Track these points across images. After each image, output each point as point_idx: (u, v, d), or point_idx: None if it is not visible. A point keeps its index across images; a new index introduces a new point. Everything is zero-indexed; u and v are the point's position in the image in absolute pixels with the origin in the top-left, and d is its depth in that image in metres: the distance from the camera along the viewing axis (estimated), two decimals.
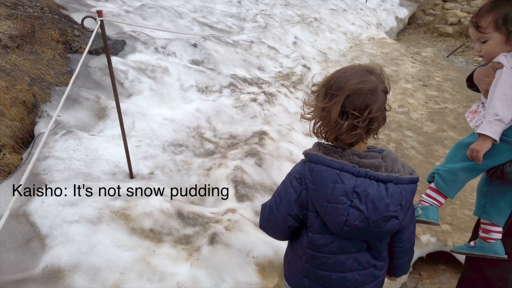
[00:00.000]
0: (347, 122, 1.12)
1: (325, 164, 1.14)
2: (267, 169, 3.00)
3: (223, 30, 5.63)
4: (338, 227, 1.16)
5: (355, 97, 1.11)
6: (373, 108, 1.12)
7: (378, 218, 1.14)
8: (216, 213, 2.51)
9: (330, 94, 1.15)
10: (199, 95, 3.94)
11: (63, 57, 3.67)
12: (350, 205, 1.13)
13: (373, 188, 1.13)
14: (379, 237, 1.22)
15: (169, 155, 3.02)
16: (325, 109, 1.15)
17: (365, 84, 1.12)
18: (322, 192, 1.15)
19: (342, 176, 1.13)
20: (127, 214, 2.30)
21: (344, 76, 1.14)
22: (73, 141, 2.81)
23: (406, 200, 1.17)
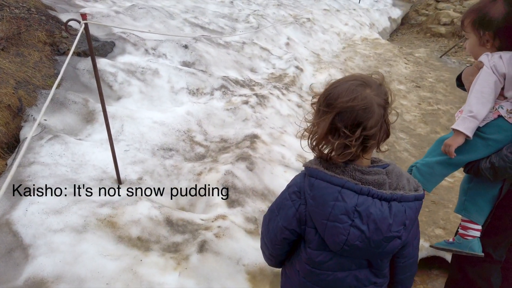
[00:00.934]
0: (338, 141, 1.06)
1: (326, 180, 1.09)
2: (258, 173, 2.95)
3: (215, 31, 5.57)
4: (338, 246, 1.11)
5: (345, 114, 1.05)
6: (366, 125, 1.05)
7: (380, 239, 1.09)
8: (206, 219, 2.45)
9: (322, 111, 1.10)
10: (190, 98, 3.88)
11: (50, 59, 3.59)
12: (351, 225, 1.07)
13: (376, 207, 1.07)
14: (380, 257, 1.18)
15: (159, 160, 2.96)
16: (315, 126, 1.12)
17: (356, 102, 1.04)
18: (322, 210, 1.10)
19: (343, 194, 1.07)
20: (114, 221, 2.23)
21: (335, 91, 1.08)
22: (59, 146, 2.74)
23: (410, 219, 1.12)
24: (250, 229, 2.44)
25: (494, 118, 1.68)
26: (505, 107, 1.69)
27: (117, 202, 2.38)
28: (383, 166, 1.16)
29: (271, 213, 1.28)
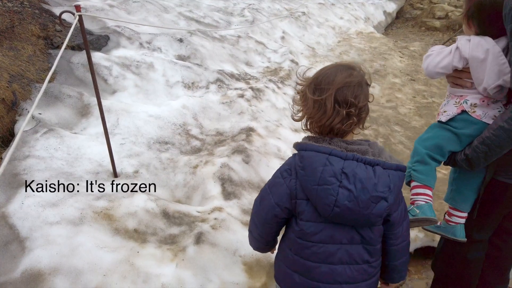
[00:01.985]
0: (341, 112, 1.19)
1: (315, 150, 1.20)
2: (254, 166, 2.96)
3: (210, 24, 5.55)
4: (329, 208, 1.18)
5: (345, 89, 1.20)
6: (361, 98, 1.22)
7: (367, 198, 1.16)
8: (202, 211, 2.46)
9: (320, 89, 1.22)
10: (186, 91, 3.87)
11: (44, 53, 3.56)
12: (339, 185, 1.16)
13: (361, 169, 1.17)
14: (369, 221, 1.22)
15: (155, 153, 2.96)
16: (317, 102, 1.22)
17: (351, 78, 1.21)
18: (312, 176, 1.19)
19: (330, 159, 1.17)
20: (110, 214, 2.24)
21: (331, 72, 1.24)
22: (54, 140, 2.73)
23: (395, 184, 1.20)
24: (246, 221, 2.46)
25: (458, 112, 1.73)
26: (469, 102, 1.73)
27: (113, 195, 2.38)
28: (366, 140, 1.31)
29: (263, 192, 1.36)
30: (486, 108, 1.66)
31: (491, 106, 1.68)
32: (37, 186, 2.25)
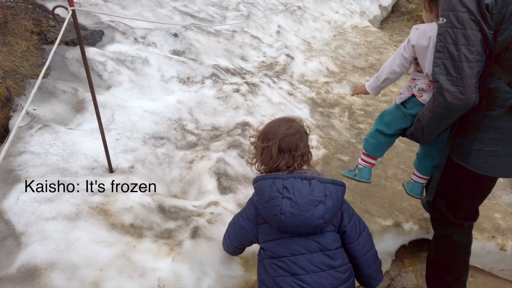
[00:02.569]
0: (285, 157, 1.54)
1: (262, 178, 1.54)
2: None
3: (205, 19, 5.52)
4: (277, 217, 1.43)
5: (286, 139, 1.53)
6: (301, 145, 1.55)
7: (305, 202, 1.42)
8: (198, 206, 2.47)
9: (267, 139, 1.58)
10: (181, 86, 3.86)
11: (38, 48, 3.54)
12: (282, 197, 1.44)
13: (298, 182, 1.46)
14: (315, 224, 1.43)
15: (150, 148, 2.96)
16: (265, 149, 1.57)
17: (291, 130, 1.55)
18: (262, 196, 1.49)
19: (275, 181, 1.48)
20: (106, 209, 2.24)
21: (275, 125, 1.59)
22: (49, 136, 2.72)
23: (330, 192, 1.46)
24: None
25: (409, 96, 2.01)
26: (418, 86, 1.94)
27: (109, 189, 2.38)
28: (308, 169, 1.62)
29: (236, 216, 1.79)
30: (431, 93, 1.76)
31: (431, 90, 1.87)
32: (37, 186, 2.24)
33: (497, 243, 2.57)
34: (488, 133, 1.69)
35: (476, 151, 1.75)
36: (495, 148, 1.71)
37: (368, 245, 1.57)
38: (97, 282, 1.83)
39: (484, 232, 2.66)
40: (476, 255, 2.59)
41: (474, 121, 1.71)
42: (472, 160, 1.77)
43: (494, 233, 2.64)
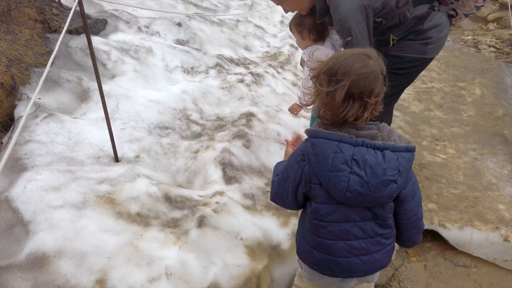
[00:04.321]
0: (355, 106, 1.20)
1: (325, 137, 1.24)
2: (255, 150, 2.97)
3: (208, 8, 5.48)
4: (341, 193, 1.24)
5: (360, 81, 1.18)
6: (377, 90, 1.21)
7: (377, 182, 1.21)
8: (204, 196, 2.48)
9: (335, 80, 1.20)
10: (185, 76, 3.85)
11: (41, 37, 3.52)
12: (350, 172, 1.21)
13: (370, 155, 1.20)
14: (380, 202, 1.28)
15: (155, 138, 2.96)
16: (330, 94, 1.22)
17: (368, 69, 1.19)
18: (324, 163, 1.24)
19: (341, 146, 1.21)
20: (113, 198, 2.25)
21: (347, 62, 1.20)
22: (55, 124, 2.72)
23: (404, 166, 1.24)
24: (247, 205, 2.48)
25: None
26: None
27: (115, 179, 2.39)
28: (375, 124, 1.32)
29: (281, 177, 1.45)
30: None
31: None
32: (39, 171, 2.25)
33: (501, 234, 2.58)
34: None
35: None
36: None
37: (415, 210, 1.40)
38: (105, 270, 1.85)
39: (488, 223, 2.67)
40: (479, 246, 2.60)
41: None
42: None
43: (498, 224, 2.65)
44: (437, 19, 2.26)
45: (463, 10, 2.39)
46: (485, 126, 3.97)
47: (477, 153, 3.56)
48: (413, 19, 2.24)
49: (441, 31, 2.30)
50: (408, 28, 2.28)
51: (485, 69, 5.45)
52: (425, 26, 2.26)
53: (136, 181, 2.40)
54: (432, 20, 2.25)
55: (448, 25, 2.35)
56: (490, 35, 6.78)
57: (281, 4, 2.45)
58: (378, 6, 2.17)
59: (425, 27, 2.26)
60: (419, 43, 2.32)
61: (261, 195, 2.63)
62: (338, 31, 2.20)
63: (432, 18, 2.25)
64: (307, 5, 2.41)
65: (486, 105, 4.37)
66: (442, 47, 2.42)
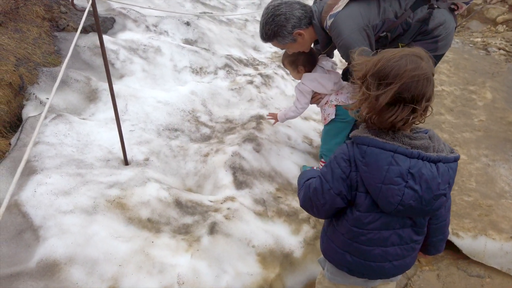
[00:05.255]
0: (404, 111, 1.13)
1: (379, 146, 1.17)
2: (265, 154, 2.93)
3: (216, 7, 5.43)
4: (392, 206, 1.20)
5: (412, 84, 1.10)
6: (428, 93, 1.13)
7: (430, 197, 1.18)
8: (214, 201, 2.44)
9: (385, 84, 1.13)
10: (194, 77, 3.81)
11: (49, 35, 3.48)
12: (405, 186, 1.16)
13: (426, 169, 1.16)
14: (428, 214, 1.28)
15: (164, 140, 2.93)
16: (378, 98, 1.15)
17: (420, 71, 1.11)
18: (376, 174, 1.18)
19: (396, 158, 1.16)
20: (123, 203, 2.22)
21: (398, 64, 1.12)
22: (63, 126, 2.69)
23: (452, 178, 1.22)
24: (259, 211, 2.44)
25: (334, 109, 2.62)
26: (331, 99, 2.64)
27: (125, 183, 2.35)
28: (425, 131, 1.26)
29: (320, 182, 1.33)
30: (339, 95, 2.63)
31: (342, 94, 2.63)
32: (48, 174, 2.21)
33: None
34: None
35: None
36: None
37: (445, 215, 1.40)
38: (116, 278, 1.82)
39: (502, 233, 2.63)
40: (493, 256, 2.56)
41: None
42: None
43: None
44: (439, 16, 2.25)
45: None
46: (496, 132, 3.91)
47: (489, 159, 3.51)
48: (417, 23, 2.25)
49: (447, 27, 2.28)
50: (413, 32, 2.29)
51: (495, 72, 5.39)
52: (430, 26, 2.26)
53: (147, 186, 2.36)
54: (435, 19, 2.24)
55: (453, 19, 2.34)
56: (500, 38, 6.70)
57: (286, 48, 2.58)
58: (377, 23, 2.22)
59: (431, 27, 2.26)
60: (428, 42, 2.32)
61: (272, 201, 2.59)
62: (342, 56, 2.30)
63: (434, 17, 2.24)
64: (310, 43, 2.54)
65: (497, 110, 4.31)
66: (451, 42, 2.41)
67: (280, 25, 2.34)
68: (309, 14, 2.36)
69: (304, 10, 2.35)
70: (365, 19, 2.18)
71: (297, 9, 2.33)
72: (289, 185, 2.82)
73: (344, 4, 2.20)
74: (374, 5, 2.21)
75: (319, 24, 2.35)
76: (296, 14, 2.32)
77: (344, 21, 2.18)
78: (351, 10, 2.17)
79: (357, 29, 2.16)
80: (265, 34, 2.42)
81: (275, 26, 2.35)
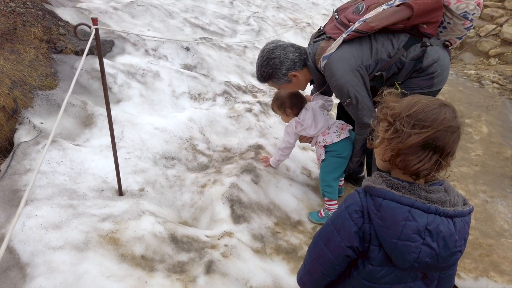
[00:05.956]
0: (432, 160, 1.10)
1: (395, 200, 1.13)
2: (264, 186, 2.87)
3: (216, 32, 5.44)
4: (408, 263, 1.14)
5: (447, 134, 1.08)
6: (454, 150, 1.11)
7: (447, 254, 1.14)
8: (211, 236, 2.36)
9: (421, 125, 1.09)
10: (192, 103, 3.76)
11: (46, 57, 3.42)
12: (422, 243, 1.11)
13: (444, 225, 1.12)
14: (441, 270, 1.24)
15: (161, 169, 2.85)
16: (410, 138, 1.10)
17: (456, 123, 1.09)
18: (392, 229, 1.13)
19: (413, 213, 1.11)
20: (116, 238, 2.12)
21: (437, 111, 1.09)
22: (57, 152, 2.60)
23: (467, 233, 1.19)
24: (257, 248, 2.36)
25: (323, 148, 2.69)
26: (319, 140, 2.71)
27: (119, 216, 2.26)
28: (439, 183, 1.21)
29: (327, 234, 1.28)
30: (326, 136, 2.69)
31: (329, 134, 2.68)
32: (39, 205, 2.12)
33: None
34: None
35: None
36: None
37: (455, 266, 1.37)
38: None
39: (504, 275, 2.57)
40: None
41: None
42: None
43: None
44: (433, 54, 2.26)
45: (454, 35, 2.39)
46: (494, 167, 3.91)
47: (487, 196, 3.49)
48: (411, 61, 2.28)
49: (442, 64, 2.30)
50: (408, 70, 2.31)
51: (490, 105, 5.45)
52: (425, 64, 2.27)
53: (141, 219, 2.27)
54: (429, 57, 2.26)
55: (447, 55, 2.36)
56: (493, 71, 6.82)
57: (282, 88, 2.64)
58: (370, 64, 2.27)
59: (425, 65, 2.27)
60: (424, 79, 2.34)
61: (270, 236, 2.51)
62: (337, 96, 2.40)
63: (428, 55, 2.26)
64: (306, 83, 2.61)
65: (493, 144, 4.33)
66: (447, 77, 2.42)
67: (275, 68, 2.42)
68: (303, 56, 2.45)
69: (299, 52, 2.44)
70: (357, 60, 2.23)
71: (291, 52, 2.42)
72: (288, 219, 2.75)
73: (336, 46, 2.25)
74: (366, 46, 2.25)
75: (314, 65, 2.43)
76: (290, 57, 2.41)
77: (337, 63, 2.23)
78: (343, 51, 2.22)
79: (350, 70, 2.22)
80: (261, 76, 2.50)
81: (270, 69, 2.43)
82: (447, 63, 2.35)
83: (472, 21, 2.28)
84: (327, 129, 2.72)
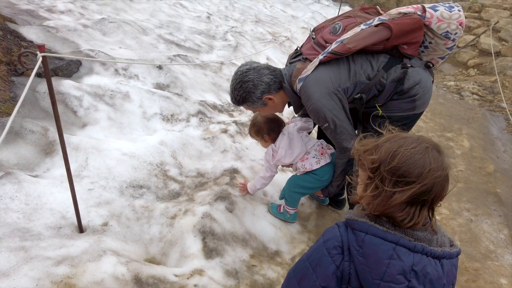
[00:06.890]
0: (424, 211, 1.03)
1: (379, 235, 1.04)
2: (239, 214, 2.70)
3: (191, 48, 5.30)
4: None
5: (436, 186, 0.99)
6: (445, 193, 1.03)
7: None
8: (180, 275, 2.16)
9: (404, 182, 1.00)
10: (164, 125, 3.58)
11: (5, 80, 3.21)
12: (407, 286, 1.02)
13: (432, 266, 1.03)
14: None
15: (127, 200, 2.65)
16: (394, 197, 1.02)
17: (442, 171, 1.00)
18: (375, 268, 1.03)
19: (398, 251, 1.02)
20: (72, 284, 1.91)
21: (421, 162, 1.00)
22: (11, 186, 2.38)
23: (455, 277, 1.11)
24: (230, 286, 2.18)
25: (309, 170, 2.58)
26: (298, 166, 2.63)
27: (77, 257, 2.05)
28: (426, 220, 1.12)
29: (302, 270, 1.17)
30: (305, 162, 2.59)
31: (308, 160, 2.59)
32: None
33: None
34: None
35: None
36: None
37: None
38: None
39: None
40: None
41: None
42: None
43: None
44: (415, 76, 2.16)
45: (437, 55, 2.30)
46: (477, 183, 3.83)
47: (471, 214, 3.39)
48: (391, 83, 2.16)
49: (423, 86, 2.19)
50: (389, 93, 2.20)
51: (470, 118, 5.42)
52: (406, 86, 2.16)
53: (102, 260, 2.06)
54: (411, 78, 2.15)
55: (429, 77, 2.26)
56: (472, 81, 6.85)
57: (258, 111, 2.54)
58: (349, 86, 2.17)
59: (407, 87, 2.16)
60: (405, 101, 2.22)
61: (245, 271, 2.34)
62: (314, 119, 2.30)
63: (410, 77, 2.15)
64: (283, 106, 2.51)
65: (475, 159, 4.26)
66: (429, 100, 2.31)
67: (248, 91, 2.30)
68: (279, 78, 2.33)
69: (273, 75, 2.32)
70: (334, 83, 2.13)
71: (266, 74, 2.29)
72: (265, 249, 2.58)
73: (313, 68, 2.14)
74: (344, 68, 2.15)
75: (290, 87, 2.33)
76: (264, 80, 2.29)
77: (312, 86, 2.13)
78: (320, 74, 2.12)
79: (327, 93, 2.12)
80: (234, 99, 2.38)
81: (243, 92, 2.31)
82: (430, 85, 2.25)
83: (454, 41, 2.19)
84: (306, 154, 2.60)
